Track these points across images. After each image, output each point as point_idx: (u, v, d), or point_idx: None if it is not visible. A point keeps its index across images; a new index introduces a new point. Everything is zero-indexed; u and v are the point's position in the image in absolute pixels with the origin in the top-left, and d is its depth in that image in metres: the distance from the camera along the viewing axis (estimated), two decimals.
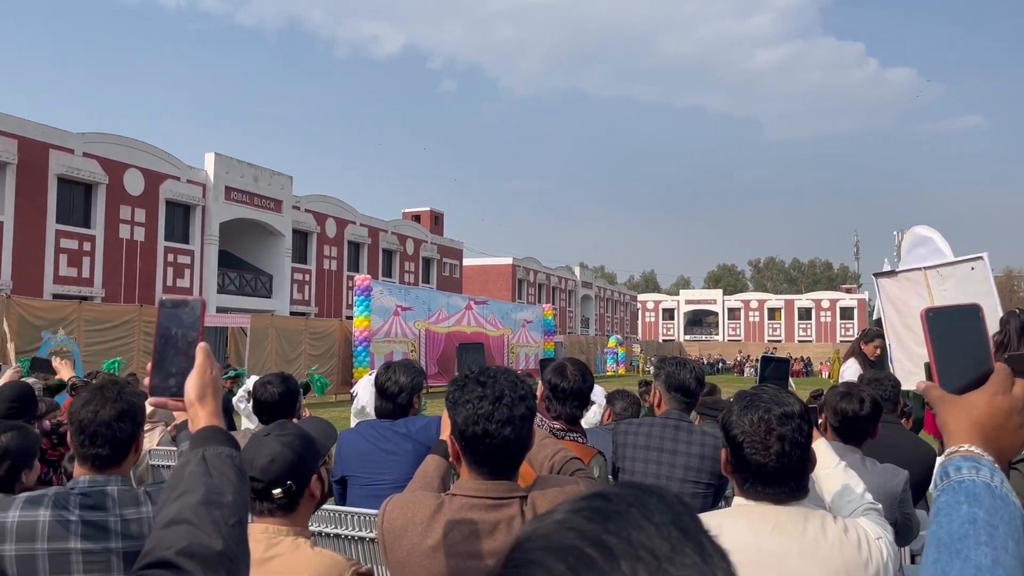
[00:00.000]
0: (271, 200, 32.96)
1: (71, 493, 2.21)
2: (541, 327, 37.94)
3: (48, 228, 24.53)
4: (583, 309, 66.18)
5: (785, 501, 1.79)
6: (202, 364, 1.44)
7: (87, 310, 18.47)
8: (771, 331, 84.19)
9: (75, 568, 2.13)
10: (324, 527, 3.31)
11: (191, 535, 1.16)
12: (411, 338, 27.60)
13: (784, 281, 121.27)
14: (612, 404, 4.75)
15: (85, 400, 2.27)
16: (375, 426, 3.42)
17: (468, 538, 1.83)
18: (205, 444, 1.33)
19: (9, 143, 23.30)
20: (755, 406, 1.80)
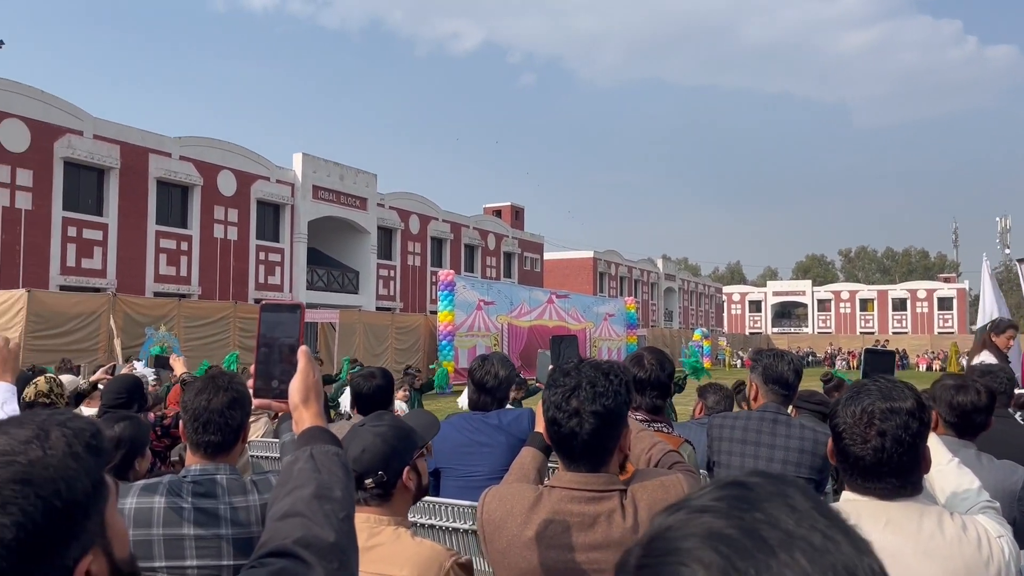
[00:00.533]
0: (356, 198, 33.67)
1: (184, 481, 2.30)
2: (623, 320, 37.64)
3: (149, 229, 25.70)
4: (666, 302, 65.34)
5: (892, 497, 1.71)
6: (304, 367, 1.48)
7: (186, 307, 19.26)
8: (863, 323, 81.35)
9: (188, 553, 2.22)
10: (419, 518, 3.35)
11: (305, 527, 1.21)
12: (494, 332, 27.79)
13: (877, 271, 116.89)
14: (704, 397, 4.67)
15: (198, 390, 2.36)
16: (468, 418, 3.44)
17: (568, 530, 1.83)
18: (312, 443, 1.38)
19: (112, 148, 24.49)
20: (861, 397, 1.75)
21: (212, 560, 2.23)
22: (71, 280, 23.19)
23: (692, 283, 71.86)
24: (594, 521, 1.82)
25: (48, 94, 23.05)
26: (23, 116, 22.20)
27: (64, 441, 0.89)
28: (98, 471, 0.92)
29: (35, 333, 15.27)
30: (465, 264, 41.14)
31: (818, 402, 4.39)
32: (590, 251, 55.06)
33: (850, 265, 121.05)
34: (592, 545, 1.81)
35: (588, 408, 1.80)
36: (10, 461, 0.85)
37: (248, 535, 2.26)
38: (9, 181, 21.86)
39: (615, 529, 1.81)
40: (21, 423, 0.90)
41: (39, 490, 0.84)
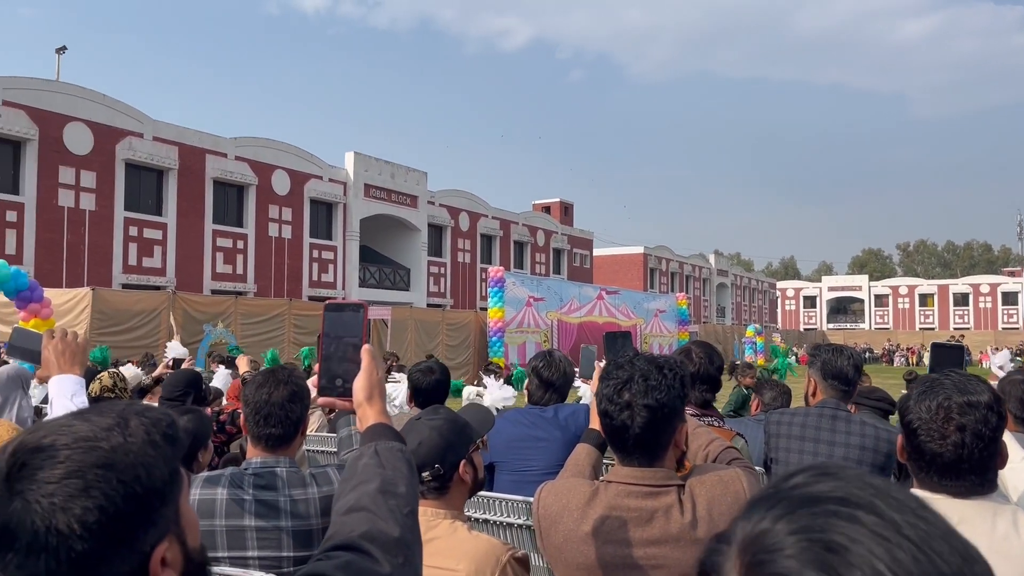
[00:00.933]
0: (407, 196, 33.96)
1: (245, 473, 2.34)
2: (675, 316, 37.28)
3: (206, 228, 26.30)
4: (719, 298, 64.50)
5: (966, 495, 1.66)
6: (368, 366, 1.50)
7: (242, 304, 19.67)
8: (923, 318, 79.17)
9: (249, 544, 2.26)
10: (473, 512, 3.37)
11: (371, 521, 1.23)
12: (543, 328, 27.78)
13: (937, 265, 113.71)
14: (760, 393, 4.59)
15: (259, 384, 2.40)
16: (525, 413, 3.45)
17: (625, 525, 1.81)
18: (376, 439, 1.40)
19: (171, 150, 25.11)
20: (935, 392, 1.68)
21: (272, 551, 2.27)
22: (132, 278, 23.87)
23: (745, 278, 70.76)
24: (651, 516, 1.81)
25: (110, 98, 23.73)
26: (86, 120, 22.90)
27: (143, 429, 0.91)
28: (174, 460, 0.94)
29: (99, 330, 15.74)
30: (514, 261, 41.19)
31: (879, 398, 4.28)
32: (640, 246, 54.60)
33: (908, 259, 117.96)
34: (650, 540, 1.80)
35: (640, 401, 1.79)
36: (93, 447, 0.87)
37: (307, 527, 2.29)
38: (74, 183, 22.58)
39: (673, 524, 1.79)
40: (101, 412, 0.93)
41: (121, 475, 0.86)
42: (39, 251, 21.68)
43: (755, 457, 3.83)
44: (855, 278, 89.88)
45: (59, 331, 2.19)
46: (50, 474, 0.84)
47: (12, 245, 21.17)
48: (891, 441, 3.07)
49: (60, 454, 0.86)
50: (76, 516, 0.83)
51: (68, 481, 0.84)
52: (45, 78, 22.71)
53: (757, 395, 4.59)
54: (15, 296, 11.82)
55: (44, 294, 12.36)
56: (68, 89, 22.75)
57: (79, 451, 0.86)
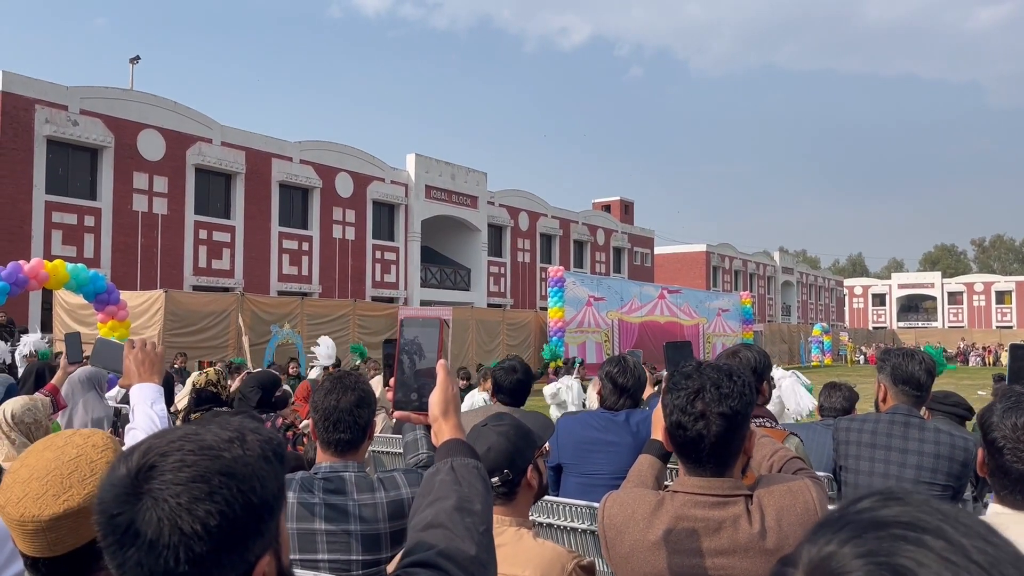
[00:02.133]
0: (467, 197, 34.18)
1: (315, 478, 2.39)
2: (739, 315, 36.64)
3: (272, 230, 26.93)
4: (784, 296, 63.21)
5: None
6: (444, 381, 1.52)
7: (308, 305, 20.06)
8: (1000, 316, 76.25)
9: (320, 547, 2.31)
10: (537, 516, 3.38)
11: (448, 539, 1.25)
12: (604, 328, 27.63)
13: (1015, 261, 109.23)
14: (823, 397, 4.48)
15: (327, 390, 2.45)
16: (596, 416, 3.44)
17: (692, 535, 1.80)
18: (452, 455, 1.42)
19: (238, 155, 25.78)
20: (1021, 408, 1.62)
21: (342, 555, 2.31)
22: (203, 280, 24.59)
23: (811, 276, 69.19)
24: (720, 526, 1.79)
25: (180, 105, 24.49)
26: (158, 126, 23.68)
27: (259, 445, 0.96)
28: (282, 477, 0.98)
29: (171, 331, 16.25)
30: (574, 260, 41.07)
31: (954, 403, 4.14)
32: (703, 244, 53.89)
33: (984, 255, 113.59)
34: (718, 551, 1.78)
35: (715, 410, 1.77)
36: (218, 455, 0.92)
37: (375, 531, 2.33)
38: (147, 188, 23.36)
39: (741, 534, 1.77)
40: (221, 425, 0.98)
41: (240, 484, 0.91)
42: (115, 255, 22.50)
43: (824, 463, 3.75)
44: (927, 275, 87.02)
45: (139, 341, 2.28)
46: (178, 476, 0.89)
47: (90, 249, 22.02)
48: (967, 449, 2.97)
49: (188, 459, 0.91)
50: (200, 518, 0.88)
51: (195, 485, 0.89)
52: (120, 87, 23.57)
53: (821, 399, 4.49)
54: (94, 299, 12.32)
55: (120, 296, 12.86)
56: (141, 97, 23.56)
57: (205, 458, 0.91)
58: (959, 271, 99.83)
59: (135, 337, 2.62)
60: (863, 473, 3.14)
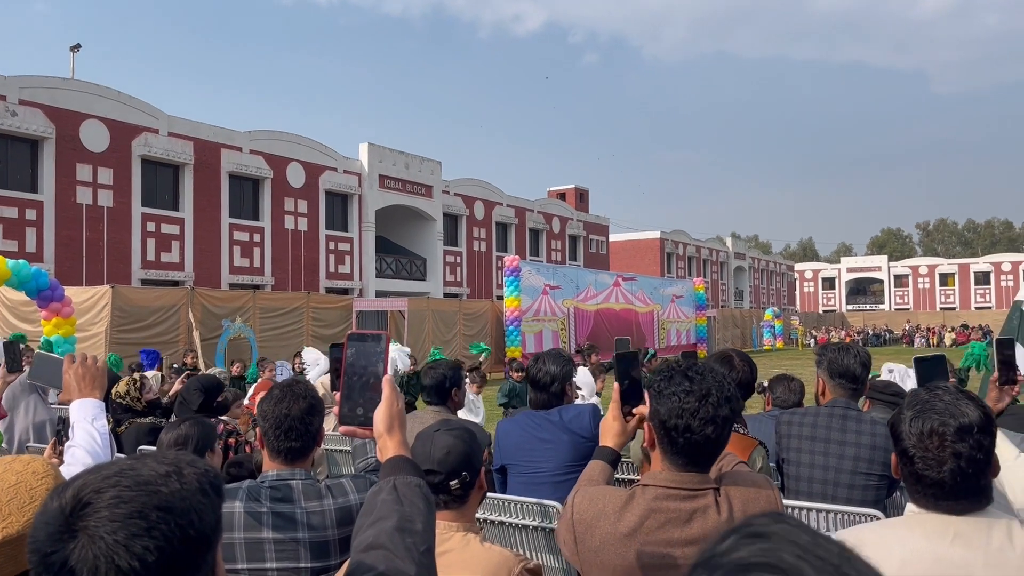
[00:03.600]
0: (422, 186, 34.02)
1: (262, 486, 2.39)
2: (692, 301, 37.15)
3: (222, 222, 26.49)
4: (736, 281, 64.20)
5: (962, 513, 1.66)
6: (389, 397, 1.54)
7: (261, 298, 19.77)
8: (944, 298, 78.47)
9: (268, 556, 2.31)
10: (489, 514, 3.41)
11: (388, 560, 1.26)
12: (560, 316, 27.78)
13: (957, 244, 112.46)
14: (772, 390, 4.59)
15: (277, 399, 2.44)
16: (532, 416, 3.48)
17: (664, 526, 1.85)
18: (395, 473, 1.43)
19: (186, 145, 25.28)
20: (928, 416, 1.67)
21: (290, 563, 2.31)
22: (151, 274, 24.11)
23: (763, 261, 70.35)
24: (691, 517, 1.85)
25: (124, 95, 23.90)
26: (102, 117, 23.09)
27: (195, 478, 0.97)
28: (219, 509, 0.99)
29: (119, 327, 15.89)
30: (530, 248, 41.17)
31: (893, 393, 4.27)
32: (657, 231, 54.41)
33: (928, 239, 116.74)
34: (688, 540, 1.83)
35: (722, 413, 1.83)
36: (155, 490, 0.92)
37: (324, 539, 2.34)
38: (91, 180, 22.79)
39: (711, 523, 1.84)
40: (157, 459, 0.98)
41: (179, 518, 0.91)
42: (59, 249, 21.93)
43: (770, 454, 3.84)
44: (874, 259, 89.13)
45: (79, 356, 2.24)
46: (114, 512, 0.89)
47: (32, 243, 21.43)
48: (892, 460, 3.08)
49: (125, 495, 0.90)
50: (137, 554, 0.87)
51: (132, 521, 0.88)
52: (60, 76, 22.90)
53: (768, 391, 4.59)
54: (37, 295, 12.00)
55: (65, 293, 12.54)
56: (83, 87, 22.93)
57: (143, 494, 0.91)
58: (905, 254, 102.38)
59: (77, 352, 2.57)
60: (804, 465, 3.24)
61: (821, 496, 3.16)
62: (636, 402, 2.08)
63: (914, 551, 1.66)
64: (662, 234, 54.14)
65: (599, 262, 45.79)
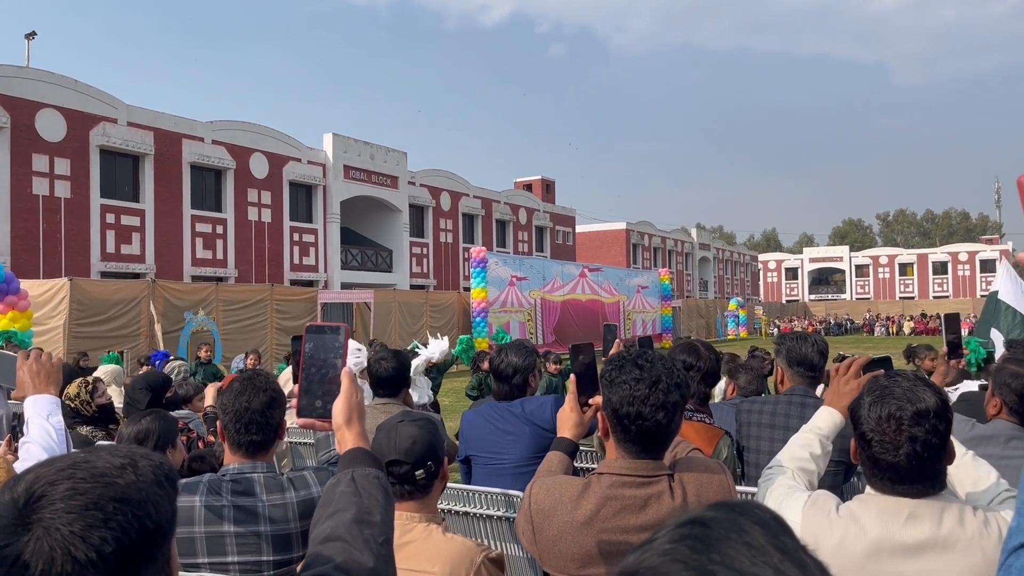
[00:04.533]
0: (387, 177, 33.80)
1: (223, 480, 2.37)
2: (658, 292, 37.46)
3: (184, 214, 26.10)
4: (701, 272, 64.81)
5: (917, 496, 1.72)
6: (347, 389, 1.53)
7: (224, 291, 19.54)
8: (903, 287, 79.98)
9: (229, 549, 2.30)
10: (453, 505, 3.42)
11: (345, 552, 1.26)
12: (527, 307, 27.85)
13: (916, 234, 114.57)
14: (736, 378, 4.64)
15: (237, 392, 2.42)
16: (494, 407, 3.49)
17: (620, 513, 1.87)
18: (354, 465, 1.43)
19: (146, 135, 24.84)
20: (886, 401, 1.72)
21: (252, 556, 2.31)
22: (111, 267, 23.68)
23: (727, 252, 71.10)
24: (645, 503, 1.87)
25: (81, 83, 23.40)
26: (58, 106, 22.59)
27: (151, 470, 0.96)
28: (174, 501, 0.99)
29: (78, 321, 15.60)
30: (497, 239, 41.16)
31: None
32: (623, 222, 54.68)
33: (888, 229, 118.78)
34: (644, 526, 1.86)
35: (672, 399, 1.85)
36: (111, 482, 0.91)
37: (286, 531, 2.33)
38: (47, 170, 22.30)
39: (665, 508, 1.86)
40: (111, 452, 0.97)
41: (135, 510, 0.91)
42: (15, 241, 21.44)
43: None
44: (836, 249, 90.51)
45: (34, 352, 2.20)
46: (70, 504, 0.88)
47: None
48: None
49: (80, 486, 0.89)
50: (95, 546, 0.86)
51: (88, 512, 0.87)
52: (15, 64, 22.35)
53: (732, 379, 4.65)
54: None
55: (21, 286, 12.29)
56: (39, 75, 22.40)
57: (99, 485, 0.90)
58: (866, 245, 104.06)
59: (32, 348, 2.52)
60: (763, 453, 3.29)
61: None
62: (592, 393, 2.09)
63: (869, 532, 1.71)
64: (628, 225, 54.43)
65: (566, 253, 45.92)
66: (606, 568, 1.87)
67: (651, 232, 56.82)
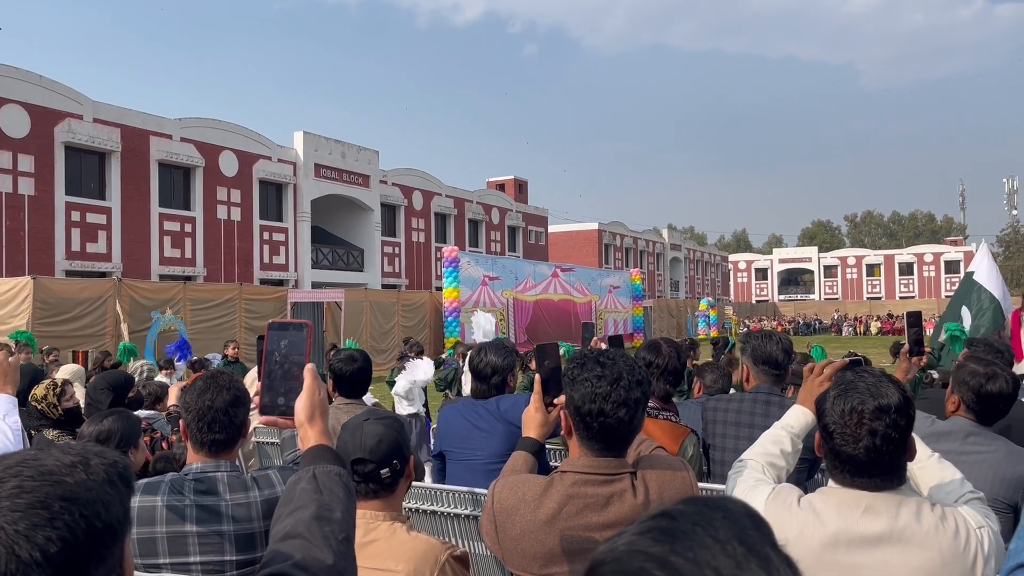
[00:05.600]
0: (359, 175, 33.61)
1: (185, 479, 2.35)
2: (629, 292, 37.65)
3: (152, 212, 25.73)
4: (672, 272, 65.23)
5: (876, 490, 1.75)
6: (310, 386, 1.52)
7: (192, 290, 19.32)
8: (870, 288, 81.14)
9: (192, 550, 2.27)
10: (421, 504, 3.42)
11: (305, 549, 1.26)
12: (499, 307, 27.85)
13: (883, 236, 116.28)
14: (702, 376, 4.68)
15: (200, 390, 2.40)
16: (471, 404, 3.50)
17: (583, 511, 1.88)
18: (315, 463, 1.42)
19: (113, 132, 24.46)
20: (850, 395, 1.76)
21: (215, 556, 2.28)
22: (76, 265, 23.29)
23: (698, 252, 71.63)
24: (608, 501, 1.88)
25: (47, 79, 22.98)
26: (22, 101, 22.16)
27: (103, 469, 0.94)
28: (128, 501, 0.96)
29: (42, 320, 15.34)
30: (469, 239, 41.10)
31: None
32: (595, 223, 54.88)
33: (856, 230, 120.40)
34: (606, 524, 1.86)
35: (634, 396, 1.86)
36: (59, 480, 0.89)
37: (249, 531, 2.31)
38: (11, 167, 21.87)
39: (627, 506, 1.87)
40: (63, 450, 0.95)
41: (83, 509, 0.88)
42: None
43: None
44: (805, 250, 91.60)
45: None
46: (15, 503, 0.86)
47: None
48: None
49: (27, 484, 0.87)
50: (39, 545, 0.84)
51: (34, 511, 0.86)
52: None
53: (699, 377, 4.68)
54: None
55: None
56: (2, 70, 21.96)
57: (46, 484, 0.88)
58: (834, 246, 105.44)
59: None
60: (729, 450, 3.32)
61: None
62: (557, 393, 2.08)
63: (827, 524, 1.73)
64: (600, 225, 54.64)
65: (538, 253, 45.99)
66: (569, 567, 1.87)
67: (623, 232, 57.09)
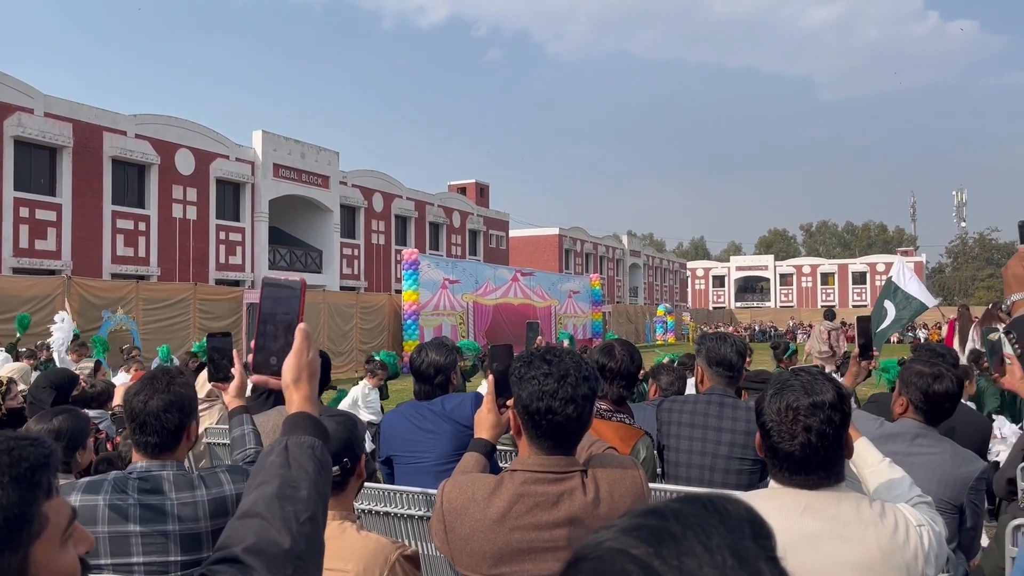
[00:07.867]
0: (318, 176, 33.29)
1: (129, 478, 2.29)
2: (589, 297, 37.83)
3: (104, 209, 25.17)
4: (631, 278, 65.73)
5: (814, 488, 1.78)
6: (299, 347, 1.44)
7: (144, 289, 18.94)
8: (824, 296, 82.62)
9: (134, 550, 2.22)
10: (374, 505, 3.37)
11: (261, 530, 1.17)
12: (459, 311, 27.77)
13: (837, 245, 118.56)
14: (657, 379, 4.71)
15: (136, 390, 2.34)
16: (415, 407, 3.46)
17: (533, 510, 1.86)
18: (292, 432, 1.33)
19: (64, 127, 23.89)
20: (785, 393, 1.78)
21: (159, 556, 2.23)
22: (24, 262, 22.68)
23: (657, 259, 72.29)
24: (558, 499, 1.87)
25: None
26: None
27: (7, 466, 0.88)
28: (24, 505, 0.90)
29: None
30: (430, 242, 40.96)
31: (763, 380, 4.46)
32: (556, 228, 55.08)
33: (811, 240, 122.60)
34: (556, 522, 1.85)
35: (581, 392, 1.85)
36: None
37: (195, 530, 2.26)
38: None
39: (577, 504, 1.86)
40: None
41: None
42: None
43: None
44: (762, 258, 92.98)
45: None
46: None
47: None
48: None
49: None
50: None
51: None
52: None
53: (654, 380, 4.72)
54: None
55: None
56: None
57: None
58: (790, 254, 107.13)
59: None
60: (683, 451, 3.34)
61: (699, 481, 3.27)
62: (510, 394, 2.08)
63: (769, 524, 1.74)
64: (561, 231, 54.85)
65: (499, 257, 45.99)
66: (518, 566, 1.86)
67: (583, 238, 57.38)
